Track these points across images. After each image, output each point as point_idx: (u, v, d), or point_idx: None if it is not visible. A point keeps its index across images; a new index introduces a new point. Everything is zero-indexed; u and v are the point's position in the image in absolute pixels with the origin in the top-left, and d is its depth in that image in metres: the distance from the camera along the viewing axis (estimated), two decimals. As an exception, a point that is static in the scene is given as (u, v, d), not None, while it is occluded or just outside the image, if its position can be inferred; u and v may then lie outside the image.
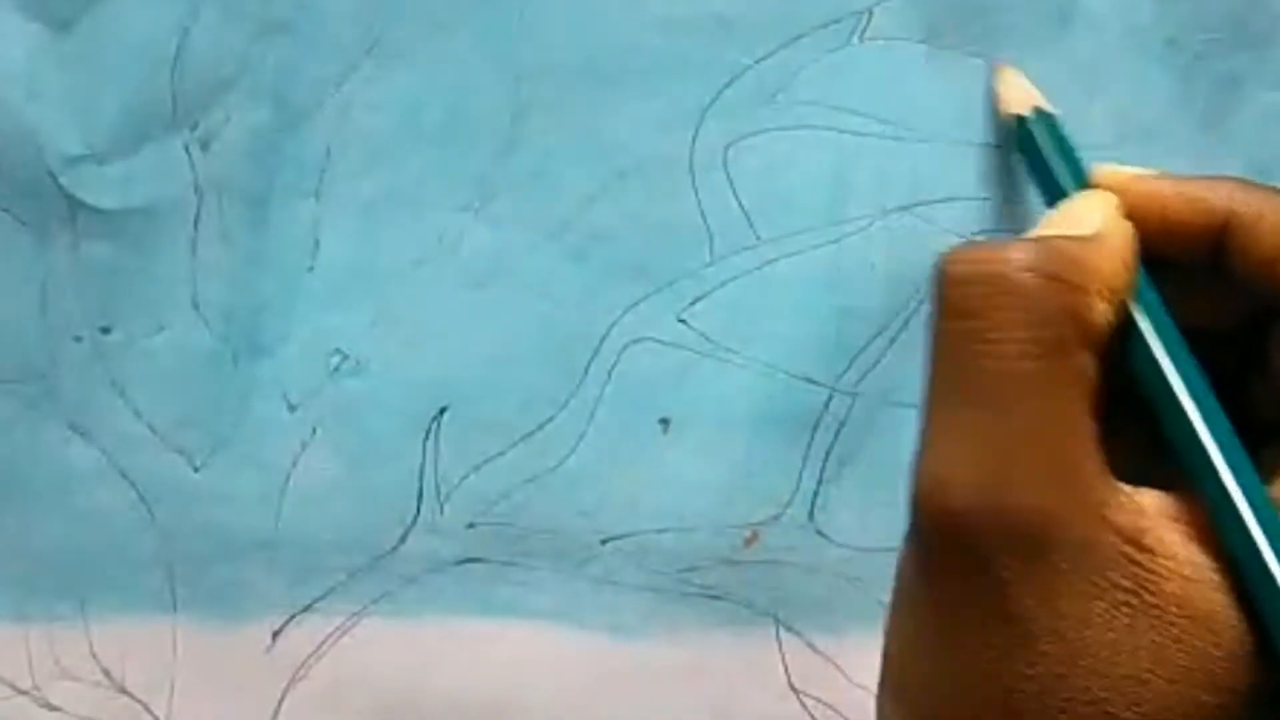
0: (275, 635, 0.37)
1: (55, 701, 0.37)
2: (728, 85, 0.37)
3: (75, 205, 0.36)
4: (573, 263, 0.37)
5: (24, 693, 0.37)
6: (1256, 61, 0.38)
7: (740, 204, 0.37)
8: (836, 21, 0.37)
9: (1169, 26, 0.38)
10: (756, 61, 0.37)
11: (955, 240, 0.38)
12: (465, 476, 0.37)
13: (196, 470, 0.37)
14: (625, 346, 0.37)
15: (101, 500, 0.37)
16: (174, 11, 0.36)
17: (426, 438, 0.37)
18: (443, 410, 0.37)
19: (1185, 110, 0.38)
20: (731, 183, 0.37)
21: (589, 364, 0.37)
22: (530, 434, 0.37)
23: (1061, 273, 0.27)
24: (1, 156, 0.36)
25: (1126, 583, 0.26)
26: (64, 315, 0.37)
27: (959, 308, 0.27)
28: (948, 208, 0.38)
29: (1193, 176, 0.30)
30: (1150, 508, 0.27)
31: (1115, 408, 0.28)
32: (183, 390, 0.37)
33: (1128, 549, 0.26)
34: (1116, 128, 0.38)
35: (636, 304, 0.37)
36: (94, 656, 0.37)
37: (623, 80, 0.37)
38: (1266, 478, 0.27)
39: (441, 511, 0.37)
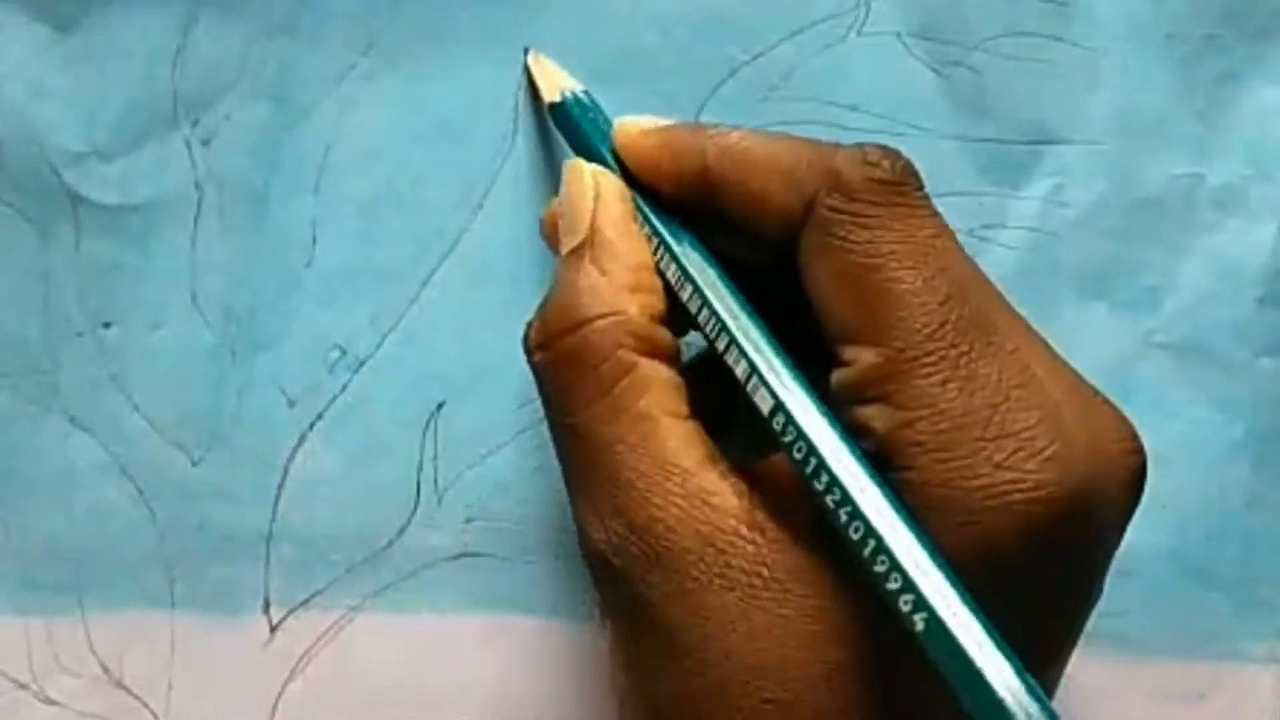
0: (273, 630, 0.37)
1: (53, 696, 0.37)
2: (724, 81, 0.37)
3: (77, 201, 0.37)
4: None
5: (22, 687, 0.37)
6: (1255, 56, 0.38)
7: (737, 199, 0.37)
8: (833, 17, 0.37)
9: (1168, 21, 0.38)
10: (753, 57, 0.37)
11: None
12: (463, 471, 0.37)
13: (195, 465, 0.37)
14: (622, 341, 0.37)
15: (101, 495, 0.37)
16: (175, 10, 0.36)
17: (424, 432, 0.37)
18: (440, 405, 0.37)
19: (1184, 104, 0.38)
20: (728, 177, 0.37)
21: (586, 358, 0.37)
22: (528, 429, 0.37)
23: (589, 313, 0.30)
24: (5, 153, 0.36)
25: (748, 566, 0.27)
26: (65, 311, 0.37)
27: (543, 391, 0.31)
28: (945, 203, 0.37)
29: (685, 126, 0.32)
30: (755, 483, 0.28)
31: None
32: (182, 385, 0.37)
33: (742, 532, 0.28)
34: (1116, 122, 0.38)
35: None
36: (92, 651, 0.37)
37: (620, 76, 0.37)
38: (836, 401, 0.28)
39: (439, 506, 0.37)
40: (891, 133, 0.37)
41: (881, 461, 0.27)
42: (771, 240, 0.30)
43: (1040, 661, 0.27)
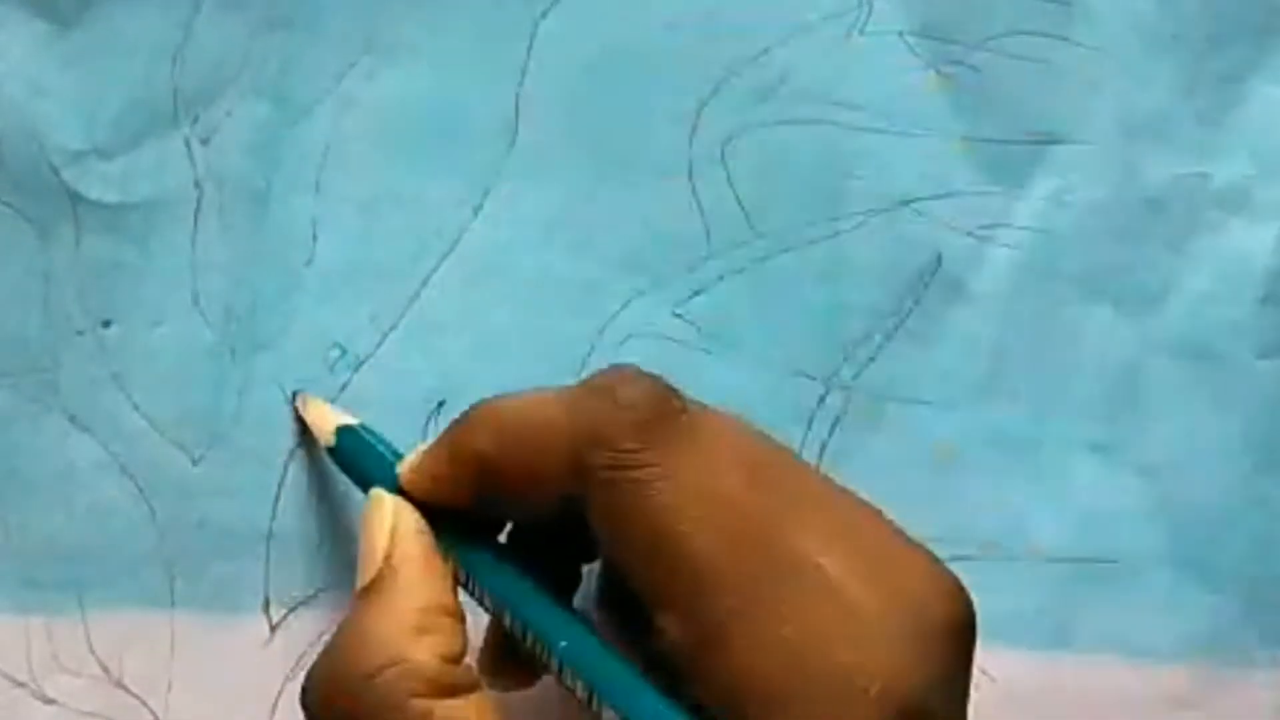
0: (273, 629, 0.37)
1: (52, 695, 0.37)
2: (726, 80, 0.37)
3: (77, 200, 0.37)
4: (570, 257, 0.37)
5: (21, 685, 0.37)
6: (1259, 55, 0.38)
7: (738, 198, 0.37)
8: (836, 16, 0.37)
9: (1172, 20, 0.38)
10: (755, 56, 0.37)
11: (954, 236, 0.37)
12: (463, 471, 0.37)
13: (195, 464, 0.37)
14: (623, 340, 0.37)
15: (101, 494, 0.37)
16: (176, 8, 0.36)
17: (425, 432, 0.37)
18: (441, 404, 0.37)
19: (1188, 104, 0.38)
20: (729, 177, 0.37)
21: (587, 357, 0.37)
22: (528, 428, 0.37)
23: (373, 664, 0.28)
24: (4, 151, 0.36)
25: None
26: (65, 309, 0.37)
27: None
28: (947, 202, 0.38)
29: (446, 431, 0.30)
30: None
31: None
32: (182, 384, 0.37)
33: None
34: (1119, 122, 0.38)
35: (634, 298, 0.37)
36: (92, 650, 0.37)
37: (621, 75, 0.37)
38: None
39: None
40: (894, 132, 0.37)
41: None
42: (555, 509, 0.29)
43: None
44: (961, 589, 0.27)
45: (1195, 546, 0.38)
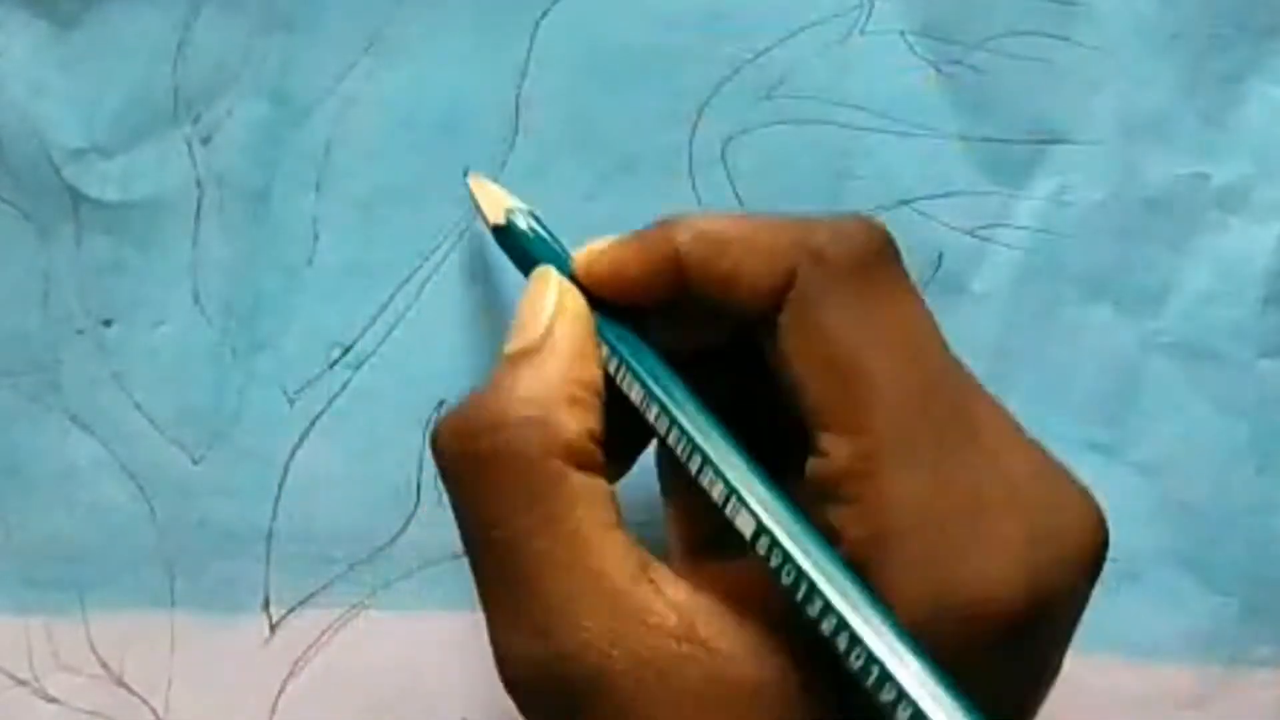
0: (273, 628, 0.37)
1: (53, 693, 0.37)
2: (727, 79, 0.37)
3: (78, 198, 0.37)
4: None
5: (22, 684, 0.37)
6: (1261, 56, 0.38)
7: (738, 198, 0.37)
8: (837, 15, 0.37)
9: (1173, 20, 0.38)
10: (756, 55, 0.37)
11: (955, 236, 0.38)
12: (463, 470, 0.37)
13: (196, 463, 0.37)
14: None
15: (101, 493, 0.37)
16: (176, 8, 0.36)
17: (425, 431, 0.37)
18: (441, 403, 0.37)
19: (1189, 104, 0.38)
20: (730, 176, 0.37)
21: (587, 357, 0.37)
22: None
23: (521, 415, 0.28)
24: (5, 150, 0.36)
25: (696, 686, 0.26)
26: (65, 308, 0.37)
27: (456, 490, 0.28)
28: (948, 202, 0.37)
29: (643, 229, 0.30)
30: (692, 594, 0.27)
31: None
32: (183, 383, 0.37)
33: (684, 649, 0.26)
34: (1120, 122, 0.38)
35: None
36: (92, 649, 0.37)
37: (622, 74, 0.37)
38: (797, 487, 0.28)
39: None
40: (894, 132, 0.37)
41: (855, 559, 0.26)
42: (746, 320, 0.29)
43: None
44: (1105, 522, 0.28)
45: (1195, 546, 0.38)
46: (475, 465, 0.28)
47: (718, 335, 0.30)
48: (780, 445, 0.29)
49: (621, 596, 0.27)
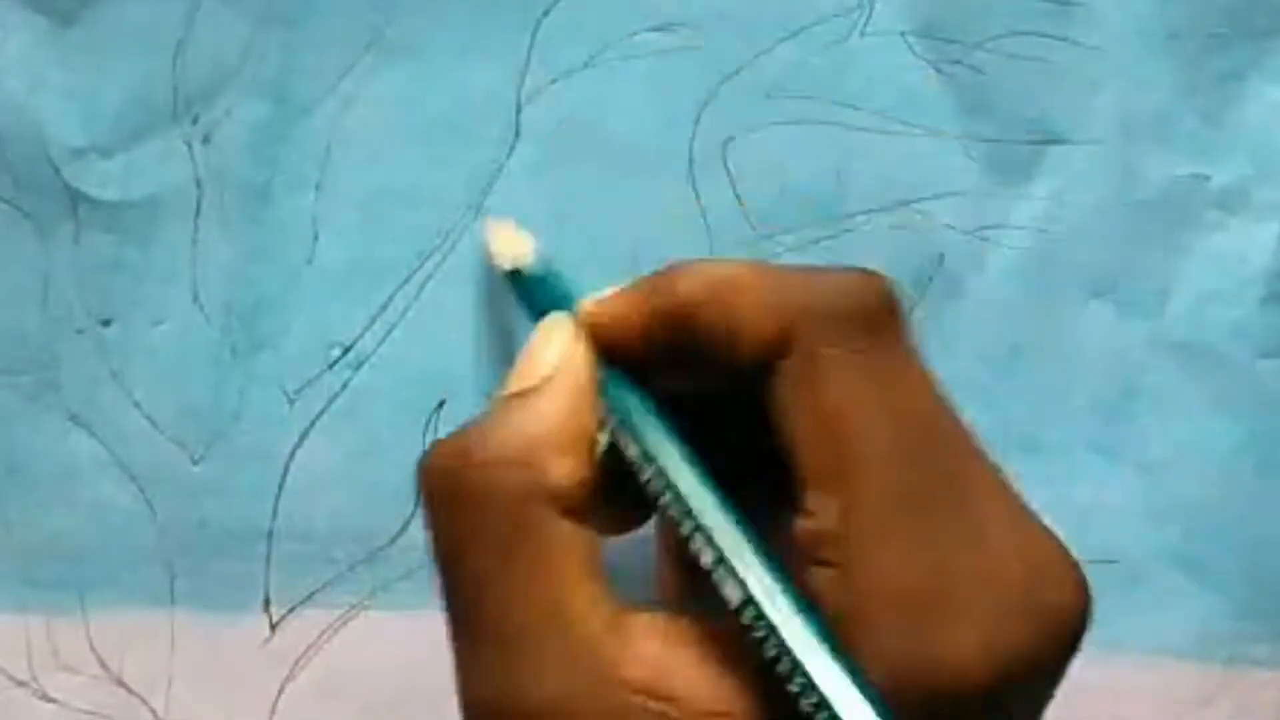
0: (273, 628, 0.37)
1: (53, 693, 0.37)
2: (727, 79, 0.37)
3: (77, 197, 0.37)
4: (571, 257, 0.37)
5: (22, 684, 0.37)
6: (1259, 56, 0.38)
7: (739, 198, 0.37)
8: (837, 16, 0.37)
9: (1171, 20, 0.38)
10: (756, 56, 0.37)
11: (955, 236, 0.38)
12: (464, 470, 0.37)
13: (196, 463, 0.37)
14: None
15: (101, 492, 0.37)
16: (176, 5, 0.36)
17: (426, 430, 0.37)
18: (441, 404, 0.37)
19: (1188, 104, 0.38)
20: (730, 177, 0.37)
21: (587, 357, 0.37)
22: (529, 427, 0.37)
23: (511, 454, 0.27)
24: (4, 148, 0.36)
25: None
26: (65, 307, 0.37)
27: (435, 523, 0.28)
28: (948, 203, 0.38)
29: (647, 277, 0.30)
30: (665, 647, 0.27)
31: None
32: (183, 383, 0.37)
33: (651, 705, 0.26)
34: (1120, 122, 0.38)
35: (635, 297, 0.37)
36: (92, 648, 0.37)
37: (622, 74, 0.37)
38: (776, 532, 0.27)
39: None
40: (894, 132, 0.37)
41: (834, 622, 0.26)
42: (744, 371, 0.28)
43: None
44: (1089, 595, 0.28)
45: (1195, 546, 0.38)
46: (458, 500, 0.28)
47: (721, 383, 0.29)
48: (775, 493, 0.28)
49: (590, 648, 0.26)
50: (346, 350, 0.37)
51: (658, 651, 0.26)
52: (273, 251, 0.37)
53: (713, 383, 0.29)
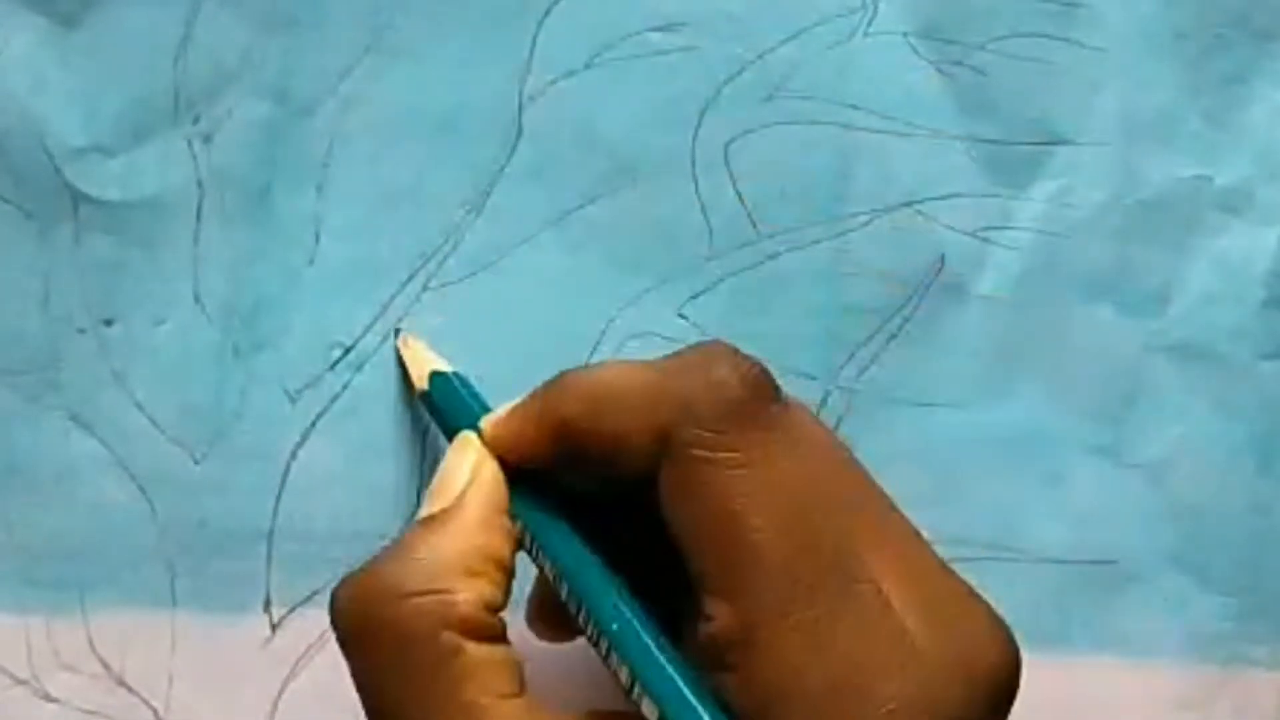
0: (275, 627, 0.37)
1: (53, 693, 0.37)
2: (729, 80, 0.37)
3: (78, 197, 0.36)
4: (573, 256, 0.37)
5: (22, 683, 0.37)
6: (1263, 57, 0.38)
7: (741, 198, 0.37)
8: (840, 16, 0.37)
9: (1176, 21, 0.38)
10: (758, 56, 0.37)
11: (957, 237, 0.38)
12: (465, 470, 0.37)
13: (197, 462, 0.37)
14: (625, 340, 0.37)
15: (102, 492, 0.37)
16: (177, 5, 0.36)
17: (426, 430, 0.37)
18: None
19: (1191, 105, 0.38)
20: (732, 177, 0.37)
21: (590, 356, 0.37)
22: (530, 428, 0.37)
23: (420, 586, 0.28)
24: (6, 148, 0.36)
25: None
26: (66, 307, 0.37)
27: (352, 657, 0.28)
28: (949, 204, 0.38)
29: (536, 392, 0.30)
30: None
31: None
32: (184, 383, 0.37)
33: None
34: (1122, 122, 0.38)
35: (637, 298, 0.37)
36: (93, 648, 0.37)
37: (624, 75, 0.37)
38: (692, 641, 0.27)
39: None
40: (896, 133, 0.37)
41: None
42: (636, 479, 0.28)
43: None
44: (1013, 643, 0.27)
45: (1196, 547, 0.38)
46: (373, 634, 0.28)
47: (622, 486, 0.29)
48: (688, 593, 0.28)
49: None
50: (348, 350, 0.37)
51: None
52: (274, 251, 0.37)
53: (617, 487, 0.29)
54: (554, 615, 0.32)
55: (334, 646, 0.37)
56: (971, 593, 0.28)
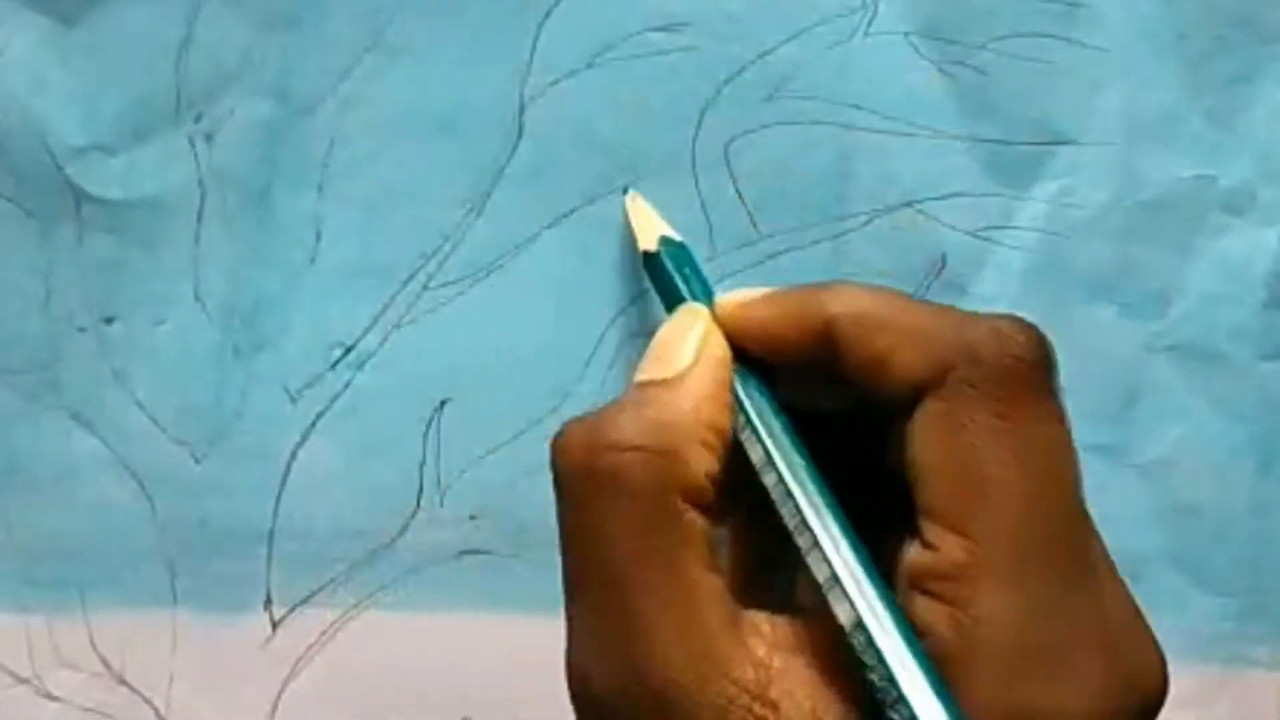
0: (275, 627, 0.37)
1: (54, 691, 0.37)
2: (730, 80, 0.37)
3: (80, 196, 0.36)
4: (574, 256, 0.37)
5: (24, 682, 0.37)
6: (1266, 58, 0.38)
7: (741, 198, 0.37)
8: (840, 16, 0.37)
9: (1178, 20, 0.37)
10: (759, 56, 0.37)
11: (958, 237, 0.37)
12: (466, 469, 0.37)
13: (198, 462, 0.37)
14: (625, 341, 0.37)
15: (102, 491, 0.37)
16: (178, 5, 0.36)
17: (427, 430, 0.37)
18: (443, 403, 0.37)
19: (1194, 105, 0.38)
20: (732, 177, 0.37)
21: (590, 356, 0.37)
22: (531, 426, 0.37)
23: (651, 443, 0.28)
24: (7, 147, 0.36)
25: None
26: (67, 306, 0.37)
27: (568, 501, 0.28)
28: (951, 203, 0.37)
29: (793, 288, 0.30)
30: (773, 652, 0.27)
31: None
32: (185, 382, 0.37)
33: (754, 710, 0.26)
34: (1124, 123, 0.38)
35: (637, 298, 0.37)
36: (94, 647, 0.37)
37: (625, 75, 0.37)
38: (890, 557, 0.28)
39: (441, 504, 0.37)
40: (897, 133, 0.37)
41: (938, 656, 0.26)
42: (886, 401, 0.28)
43: None
44: (1168, 682, 0.28)
45: (1196, 547, 0.38)
46: (594, 481, 0.28)
47: (849, 402, 0.29)
48: (884, 514, 0.28)
49: (710, 642, 0.27)
50: (348, 350, 0.37)
51: (764, 654, 0.27)
52: (275, 251, 0.37)
53: (841, 402, 0.29)
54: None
55: (334, 646, 0.37)
56: (1151, 631, 0.28)
